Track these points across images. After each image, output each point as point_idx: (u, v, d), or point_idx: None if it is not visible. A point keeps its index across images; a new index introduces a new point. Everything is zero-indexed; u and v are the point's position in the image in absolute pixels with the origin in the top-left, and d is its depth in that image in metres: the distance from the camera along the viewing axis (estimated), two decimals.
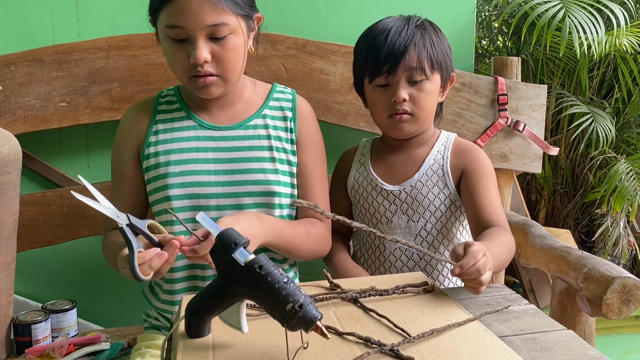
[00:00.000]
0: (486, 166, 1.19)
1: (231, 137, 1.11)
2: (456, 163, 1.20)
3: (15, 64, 1.35)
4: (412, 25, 1.15)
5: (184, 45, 1.00)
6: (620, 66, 1.95)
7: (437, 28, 1.20)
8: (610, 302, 1.06)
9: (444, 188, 1.20)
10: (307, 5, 1.54)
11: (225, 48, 1.01)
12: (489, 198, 1.15)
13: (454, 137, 1.25)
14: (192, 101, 1.14)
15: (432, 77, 1.14)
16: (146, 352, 1.06)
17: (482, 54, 2.42)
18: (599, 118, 1.87)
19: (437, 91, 1.18)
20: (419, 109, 1.15)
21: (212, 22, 0.98)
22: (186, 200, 1.06)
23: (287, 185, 1.12)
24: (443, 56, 1.16)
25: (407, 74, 1.12)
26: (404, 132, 1.18)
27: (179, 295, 1.11)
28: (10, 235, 1.19)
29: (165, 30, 1.00)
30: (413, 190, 1.20)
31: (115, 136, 1.16)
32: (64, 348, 1.20)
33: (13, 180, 1.17)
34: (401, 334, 0.72)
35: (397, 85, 1.13)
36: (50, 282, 1.54)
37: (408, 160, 1.23)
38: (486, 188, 1.16)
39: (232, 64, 1.03)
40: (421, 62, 1.12)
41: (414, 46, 1.12)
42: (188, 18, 0.97)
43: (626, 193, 1.81)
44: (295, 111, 1.16)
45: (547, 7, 1.62)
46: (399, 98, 1.12)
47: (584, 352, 0.73)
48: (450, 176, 1.20)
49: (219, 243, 0.67)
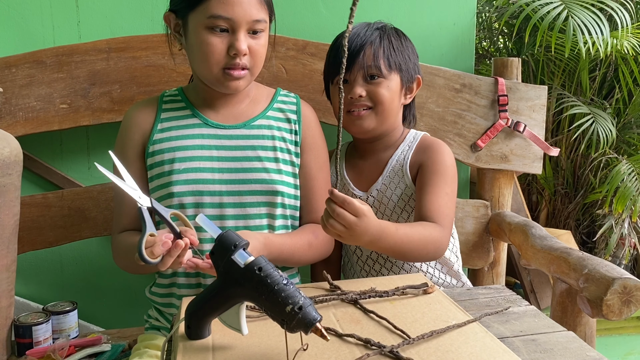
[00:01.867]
0: (441, 163, 1.18)
1: (235, 135, 1.12)
2: (415, 159, 1.21)
3: (15, 66, 1.35)
4: (372, 28, 1.20)
5: (224, 37, 1.04)
6: (620, 67, 1.95)
7: (402, 34, 1.23)
8: (611, 303, 1.06)
9: (405, 188, 1.21)
10: (308, 7, 1.54)
11: (259, 43, 1.07)
12: (434, 195, 1.13)
13: (421, 135, 1.26)
14: (199, 99, 1.15)
15: (390, 76, 1.17)
16: (144, 352, 1.06)
17: (483, 55, 2.42)
18: (599, 119, 1.87)
19: (397, 90, 1.19)
20: (377, 102, 1.17)
21: (256, 17, 1.04)
22: (189, 197, 1.07)
23: (291, 185, 1.13)
24: (403, 58, 1.19)
25: (363, 71, 1.16)
26: (363, 128, 1.19)
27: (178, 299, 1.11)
28: (11, 236, 1.19)
29: (207, 20, 1.02)
30: (379, 194, 1.22)
31: (118, 135, 1.16)
32: (65, 349, 1.20)
33: (14, 182, 1.17)
34: (401, 336, 0.72)
35: (354, 82, 1.17)
36: (51, 283, 1.54)
37: (374, 164, 1.26)
38: (434, 184, 1.15)
39: (261, 60, 1.09)
40: (376, 60, 1.15)
41: (370, 45, 1.16)
42: (238, 9, 1.01)
43: (628, 194, 1.80)
44: (299, 114, 1.18)
45: (549, 8, 1.62)
46: (355, 94, 1.16)
47: (584, 354, 0.73)
48: (409, 173, 1.21)
49: (219, 245, 0.68)
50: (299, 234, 1.14)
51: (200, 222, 0.73)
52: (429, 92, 1.50)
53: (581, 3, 1.65)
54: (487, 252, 1.56)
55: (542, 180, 2.14)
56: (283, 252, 1.08)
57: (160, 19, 1.47)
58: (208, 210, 1.07)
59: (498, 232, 1.51)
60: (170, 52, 1.18)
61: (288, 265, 1.16)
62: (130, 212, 1.12)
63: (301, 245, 1.12)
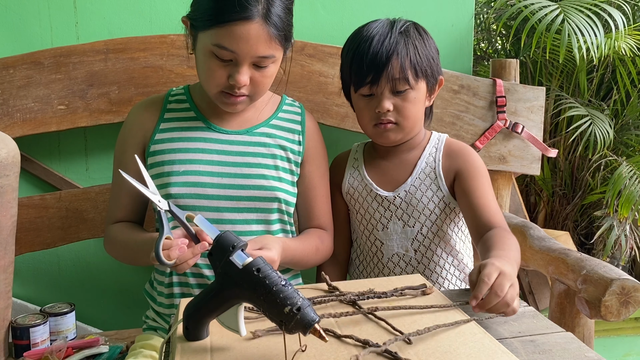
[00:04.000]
0: (479, 166, 1.18)
1: (237, 141, 1.13)
2: (449, 165, 1.20)
3: (13, 67, 1.35)
4: (396, 32, 1.13)
5: (226, 65, 1.02)
6: (618, 68, 1.95)
7: (423, 31, 1.18)
8: (609, 304, 1.06)
9: (437, 191, 1.19)
10: (306, 8, 1.54)
11: (264, 75, 1.04)
12: (485, 198, 1.14)
13: (445, 138, 1.24)
14: (204, 102, 1.16)
15: (417, 85, 1.13)
16: (139, 352, 1.06)
17: (481, 56, 2.43)
18: (597, 120, 1.88)
19: (423, 98, 1.17)
20: (403, 118, 1.14)
21: (263, 53, 1.01)
22: (187, 200, 1.08)
23: (289, 193, 1.14)
24: (428, 62, 1.15)
25: (390, 85, 1.11)
26: (390, 140, 1.18)
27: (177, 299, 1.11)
28: (9, 238, 1.19)
29: (212, 47, 1.00)
30: (407, 195, 1.20)
31: (120, 132, 1.17)
32: (62, 351, 1.20)
33: (11, 183, 1.17)
34: (399, 337, 0.72)
35: (380, 96, 1.12)
36: (49, 285, 1.54)
37: (400, 165, 1.23)
38: (482, 188, 1.15)
39: (264, 88, 1.08)
40: (404, 72, 1.11)
41: (397, 56, 1.10)
42: (243, 45, 0.98)
43: (632, 198, 1.80)
44: (303, 125, 1.19)
45: (546, 11, 1.62)
46: (382, 109, 1.12)
47: (583, 354, 0.73)
48: (443, 178, 1.19)
49: (217, 246, 0.67)
50: (308, 239, 1.16)
51: (198, 223, 0.74)
52: None
53: (577, 6, 1.65)
54: None
55: (540, 182, 2.15)
56: (295, 257, 1.10)
57: (158, 20, 1.48)
58: (205, 214, 1.07)
59: None
60: (185, 47, 1.15)
61: (297, 268, 1.20)
62: (127, 205, 1.15)
63: (310, 249, 1.15)
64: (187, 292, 1.11)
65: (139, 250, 1.03)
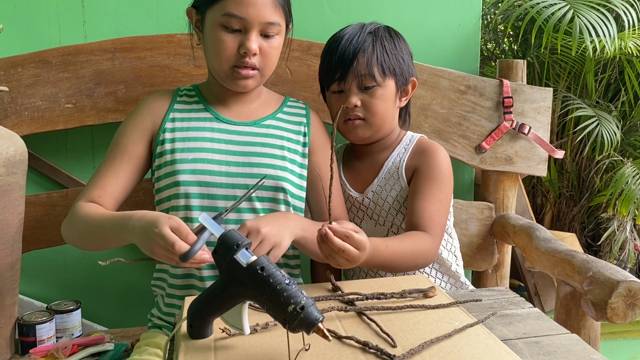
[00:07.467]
0: (436, 168, 1.17)
1: (245, 132, 1.15)
2: (411, 163, 1.21)
3: (21, 66, 1.36)
4: (365, 32, 1.18)
5: (236, 36, 1.07)
6: (626, 69, 1.94)
7: (395, 34, 1.21)
8: (615, 306, 1.05)
9: (401, 190, 1.20)
10: (312, 8, 1.54)
11: (271, 46, 1.09)
12: (426, 201, 1.13)
13: (417, 138, 1.25)
14: (213, 96, 1.19)
15: (384, 83, 1.16)
16: (144, 349, 1.07)
17: (488, 56, 2.42)
18: (604, 121, 1.87)
19: (392, 97, 1.19)
20: (371, 114, 1.17)
21: (270, 19, 1.07)
22: (195, 187, 1.09)
23: (295, 185, 1.15)
24: (397, 61, 1.18)
25: (357, 81, 1.15)
26: (359, 137, 1.20)
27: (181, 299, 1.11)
28: (16, 235, 1.20)
29: (221, 18, 1.05)
30: (374, 196, 1.22)
31: (126, 118, 1.18)
32: (68, 348, 1.20)
33: (19, 181, 1.18)
34: (403, 337, 0.72)
35: (348, 92, 1.17)
36: (55, 282, 1.54)
37: (370, 166, 1.25)
38: (428, 191, 1.14)
39: (273, 62, 1.12)
40: (370, 69, 1.14)
41: (363, 53, 1.15)
42: (251, 10, 1.05)
43: (632, 196, 1.80)
44: (308, 118, 1.21)
45: (554, 9, 1.61)
46: (350, 104, 1.16)
47: (588, 356, 0.73)
48: (404, 176, 1.20)
49: (221, 244, 0.67)
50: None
51: (203, 221, 0.73)
52: (434, 93, 1.49)
53: (587, 3, 1.64)
54: (491, 254, 1.55)
55: (547, 183, 2.14)
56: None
57: (165, 19, 1.48)
58: (212, 202, 1.09)
59: (502, 234, 1.51)
60: (190, 46, 1.22)
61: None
62: (108, 186, 1.09)
63: None
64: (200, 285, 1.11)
65: (122, 226, 0.94)
